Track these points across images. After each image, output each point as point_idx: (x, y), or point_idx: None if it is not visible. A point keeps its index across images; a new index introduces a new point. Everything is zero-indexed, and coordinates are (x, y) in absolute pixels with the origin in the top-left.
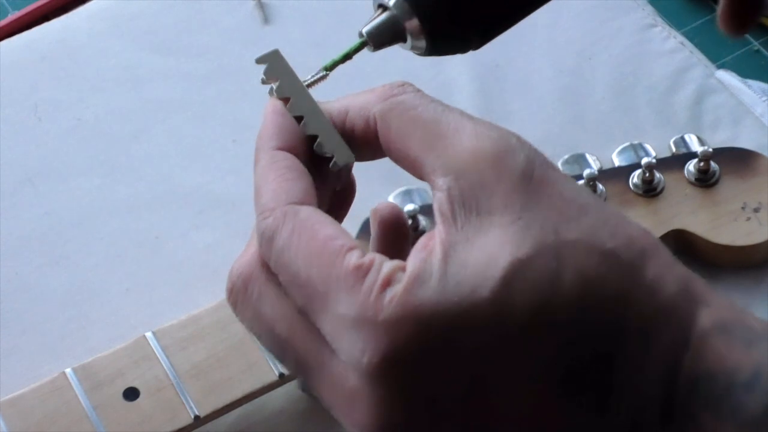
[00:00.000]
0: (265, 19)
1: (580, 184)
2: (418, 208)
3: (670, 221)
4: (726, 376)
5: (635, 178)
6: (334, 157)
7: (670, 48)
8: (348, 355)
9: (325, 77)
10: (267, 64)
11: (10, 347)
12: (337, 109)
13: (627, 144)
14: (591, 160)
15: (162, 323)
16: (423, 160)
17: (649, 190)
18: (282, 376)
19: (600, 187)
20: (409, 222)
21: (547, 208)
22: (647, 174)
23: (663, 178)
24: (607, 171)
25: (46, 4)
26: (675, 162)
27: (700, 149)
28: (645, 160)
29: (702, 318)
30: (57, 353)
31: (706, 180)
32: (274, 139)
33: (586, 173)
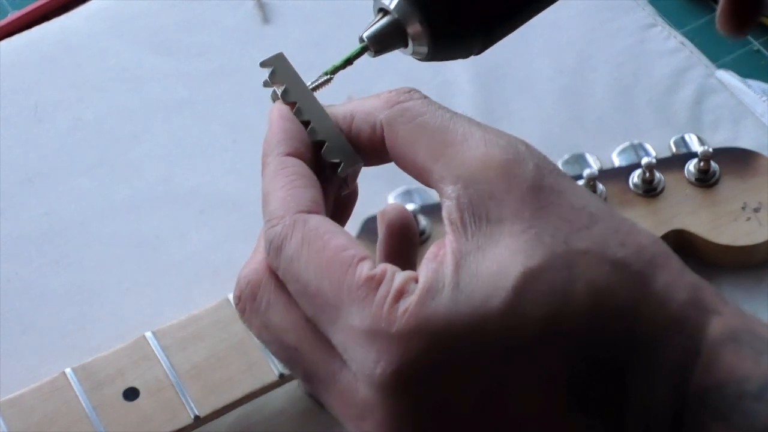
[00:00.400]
0: (265, 19)
1: (585, 188)
2: (418, 208)
3: (670, 221)
4: (736, 385)
5: (635, 178)
6: (342, 164)
7: (670, 48)
8: (360, 367)
9: (329, 81)
10: (272, 67)
11: (10, 347)
12: (343, 114)
13: (627, 144)
14: (591, 160)
15: (162, 323)
16: (431, 167)
17: (649, 190)
18: (282, 376)
19: (600, 187)
20: None
21: (557, 217)
22: (647, 174)
23: (663, 178)
24: (607, 171)
25: (46, 4)
26: (675, 162)
27: (700, 149)
28: (645, 160)
29: (712, 327)
30: (57, 353)
31: (706, 180)
32: (282, 145)
33: (586, 173)
